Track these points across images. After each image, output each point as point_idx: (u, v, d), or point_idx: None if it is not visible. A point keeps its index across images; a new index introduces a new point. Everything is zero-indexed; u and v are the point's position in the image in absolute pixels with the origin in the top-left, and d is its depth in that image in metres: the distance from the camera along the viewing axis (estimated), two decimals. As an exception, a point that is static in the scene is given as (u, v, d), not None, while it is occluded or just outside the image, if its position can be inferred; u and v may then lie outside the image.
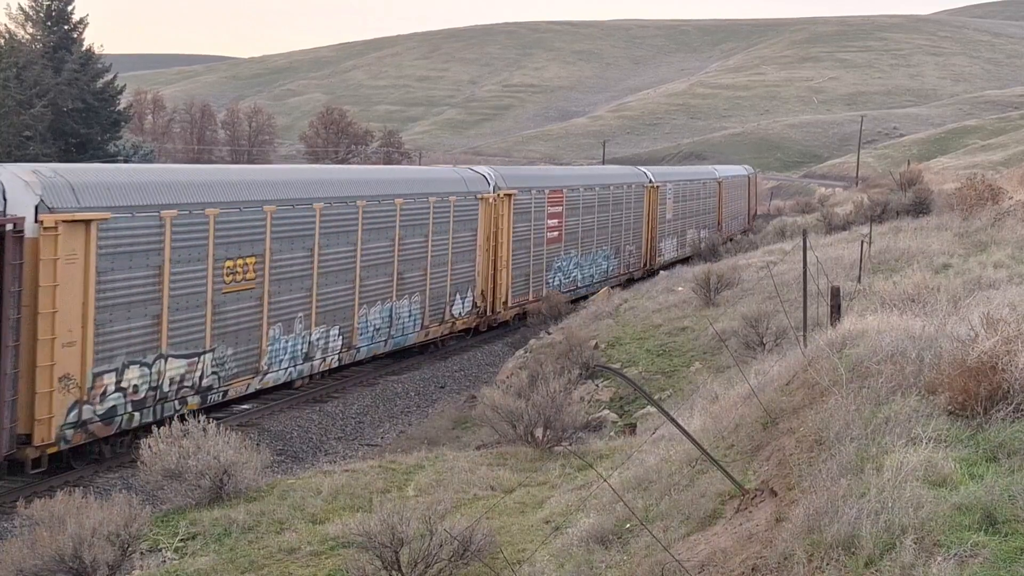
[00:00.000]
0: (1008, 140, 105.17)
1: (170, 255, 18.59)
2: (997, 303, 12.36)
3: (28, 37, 54.35)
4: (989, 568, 6.26)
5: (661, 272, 40.20)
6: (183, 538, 12.09)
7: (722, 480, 9.61)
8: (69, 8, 55.21)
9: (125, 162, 52.80)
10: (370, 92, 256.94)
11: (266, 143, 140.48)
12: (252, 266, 20.79)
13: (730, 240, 51.84)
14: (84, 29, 55.63)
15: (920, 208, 38.47)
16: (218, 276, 19.81)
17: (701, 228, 54.26)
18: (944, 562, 6.32)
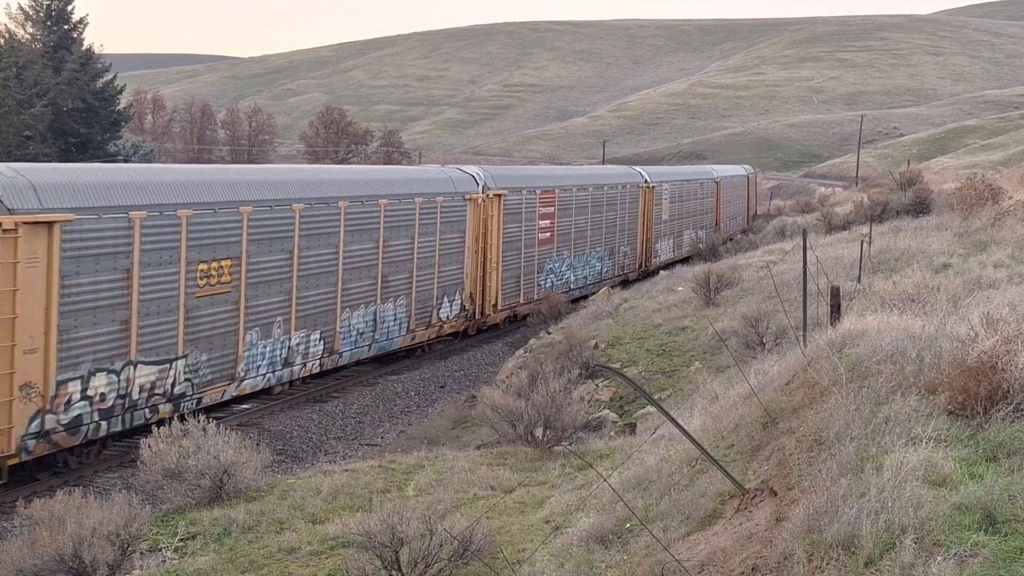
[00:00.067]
0: (1008, 140, 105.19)
1: (139, 258, 17.93)
2: (997, 303, 12.36)
3: (28, 37, 54.30)
4: (989, 568, 6.26)
5: (661, 272, 40.10)
6: (183, 538, 12.10)
7: (722, 480, 9.61)
8: (69, 8, 55.17)
9: (125, 162, 52.80)
10: (370, 92, 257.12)
11: (266, 143, 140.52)
12: (228, 269, 20.16)
13: (730, 240, 51.72)
14: (84, 29, 55.59)
15: (920, 208, 38.47)
16: (191, 279, 19.20)
17: (698, 229, 53.68)
18: (944, 562, 6.32)
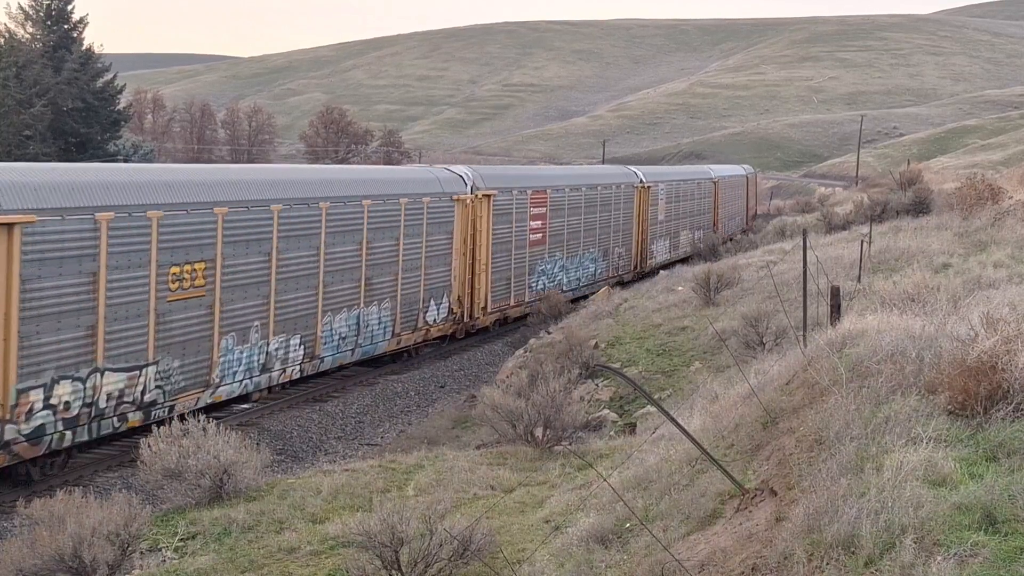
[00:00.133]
0: (1008, 140, 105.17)
1: (107, 261, 17.25)
2: (997, 303, 12.36)
3: (28, 36, 54.32)
4: (989, 568, 6.26)
5: (661, 272, 40.00)
6: (183, 537, 12.10)
7: (722, 480, 9.61)
8: (69, 7, 55.19)
9: (125, 161, 52.80)
10: (370, 91, 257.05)
11: (266, 143, 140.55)
12: (201, 272, 19.53)
13: (730, 240, 51.61)
14: (84, 28, 55.61)
15: (920, 208, 38.46)
16: (162, 283, 18.57)
17: (696, 229, 53.19)
18: (944, 562, 6.32)
